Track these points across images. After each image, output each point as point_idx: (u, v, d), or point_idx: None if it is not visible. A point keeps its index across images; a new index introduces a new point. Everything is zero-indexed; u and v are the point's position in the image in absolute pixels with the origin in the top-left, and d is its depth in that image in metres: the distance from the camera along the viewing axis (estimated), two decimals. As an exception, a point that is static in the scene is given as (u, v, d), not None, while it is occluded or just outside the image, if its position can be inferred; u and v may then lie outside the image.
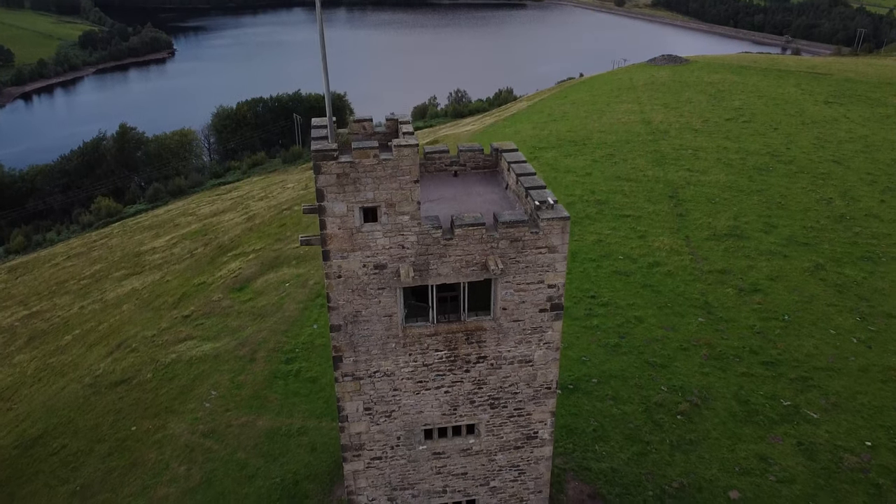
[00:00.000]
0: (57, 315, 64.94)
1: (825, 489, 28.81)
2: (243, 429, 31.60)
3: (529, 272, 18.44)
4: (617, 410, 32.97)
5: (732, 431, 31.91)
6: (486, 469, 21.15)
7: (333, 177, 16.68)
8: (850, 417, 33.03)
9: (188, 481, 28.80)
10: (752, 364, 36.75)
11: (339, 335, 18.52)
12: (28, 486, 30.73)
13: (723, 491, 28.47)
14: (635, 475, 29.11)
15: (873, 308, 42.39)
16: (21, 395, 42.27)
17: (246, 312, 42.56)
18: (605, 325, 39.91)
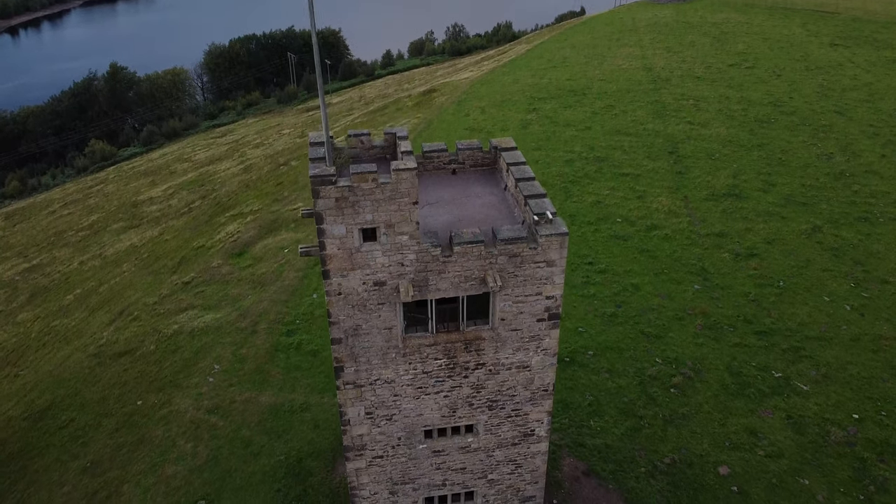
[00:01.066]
0: (57, 270, 65.33)
1: (811, 463, 29.78)
2: (247, 405, 32.36)
3: (527, 285, 18.61)
4: (612, 384, 33.71)
5: (724, 405, 32.72)
6: (485, 464, 21.88)
7: (332, 200, 16.63)
8: (839, 389, 33.80)
9: (195, 459, 29.71)
10: (746, 334, 37.34)
11: (340, 347, 18.84)
12: (39, 460, 31.66)
13: (713, 467, 29.43)
14: (628, 451, 30.04)
15: (868, 273, 42.76)
16: (27, 360, 42.98)
17: (246, 280, 42.86)
18: (602, 293, 40.32)
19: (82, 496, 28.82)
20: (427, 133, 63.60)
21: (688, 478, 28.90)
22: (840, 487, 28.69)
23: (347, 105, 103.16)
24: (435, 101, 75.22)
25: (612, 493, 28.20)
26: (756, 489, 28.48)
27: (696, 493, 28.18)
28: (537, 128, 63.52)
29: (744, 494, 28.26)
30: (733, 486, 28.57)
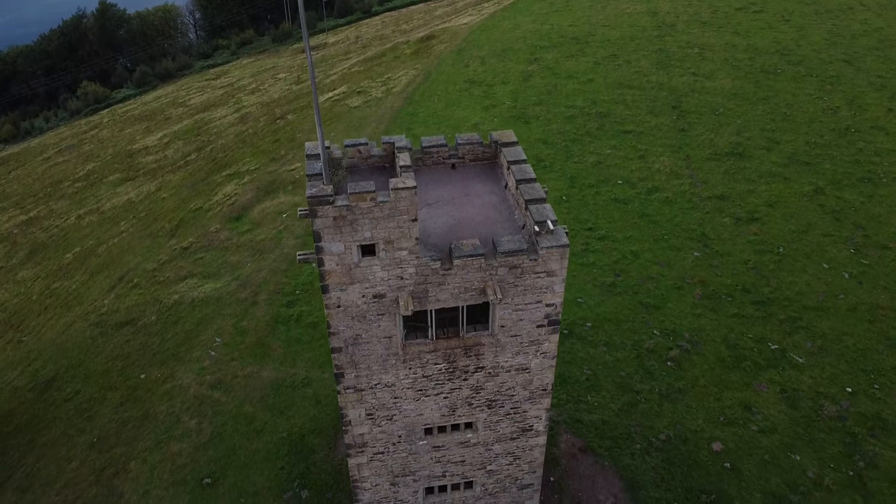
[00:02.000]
0: (55, 225, 65.14)
1: (803, 438, 30.40)
2: (249, 380, 32.78)
3: (528, 294, 18.55)
4: (610, 357, 34.07)
5: (720, 378, 33.15)
6: (483, 457, 22.34)
7: (330, 220, 16.38)
8: (834, 361, 34.20)
9: (199, 436, 30.30)
10: (744, 304, 37.53)
11: (340, 355, 18.93)
12: (47, 433, 32.30)
13: (706, 443, 30.05)
14: (624, 427, 30.61)
15: (868, 238, 42.67)
16: (29, 325, 43.30)
17: (244, 246, 42.75)
18: (602, 261, 40.31)
19: (90, 472, 29.52)
20: (426, 86, 62.27)
21: (682, 454, 29.56)
22: (830, 463, 29.37)
23: (344, 48, 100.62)
24: (434, 50, 73.36)
25: (607, 470, 28.90)
26: (748, 465, 29.16)
27: (689, 470, 28.87)
28: (538, 80, 62.15)
29: (736, 471, 28.95)
30: (726, 463, 29.24)
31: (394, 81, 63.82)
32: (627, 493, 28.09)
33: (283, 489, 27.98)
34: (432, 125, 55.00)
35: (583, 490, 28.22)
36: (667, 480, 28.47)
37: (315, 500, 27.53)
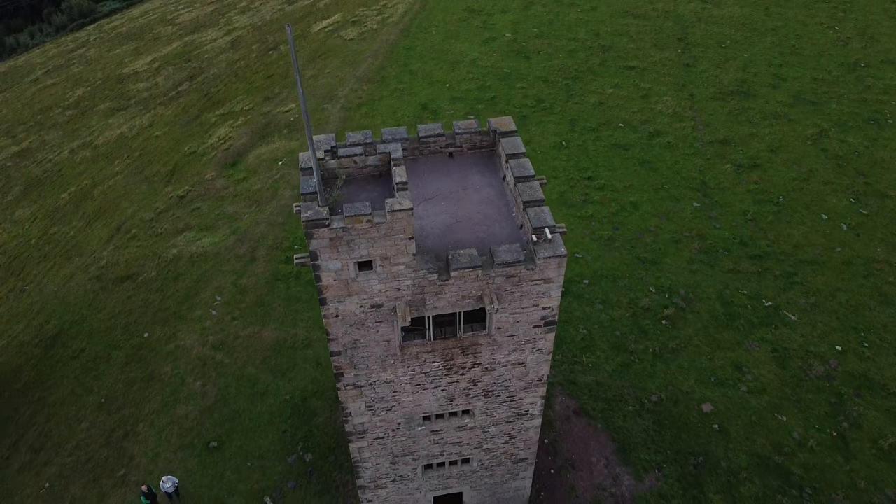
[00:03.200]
0: (48, 158, 64.35)
1: (791, 399, 31.31)
2: (251, 341, 33.36)
3: (524, 299, 18.66)
4: (605, 316, 34.56)
5: (713, 337, 33.76)
6: (480, 438, 23.10)
7: (326, 240, 16.24)
8: (825, 319, 34.74)
9: (204, 399, 31.15)
10: (740, 258, 37.72)
11: (339, 358, 19.23)
12: (55, 391, 33.17)
13: (697, 404, 30.97)
14: (618, 389, 31.46)
15: (869, 186, 42.42)
16: (30, 273, 43.57)
17: (241, 196, 42.45)
18: (600, 213, 40.18)
19: (100, 434, 30.54)
20: (423, 16, 59.96)
21: (672, 416, 30.52)
22: (815, 424, 30.38)
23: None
24: (432, -30, 70.05)
25: (600, 432, 29.93)
26: (736, 427, 30.18)
27: (679, 432, 29.90)
28: (540, 9, 59.80)
29: (724, 432, 29.99)
30: (714, 424, 30.24)
31: (390, 10, 61.38)
32: (619, 455, 29.21)
33: (287, 452, 29.06)
34: (429, 60, 53.40)
35: (576, 452, 29.33)
36: (657, 442, 29.54)
37: (319, 464, 28.66)
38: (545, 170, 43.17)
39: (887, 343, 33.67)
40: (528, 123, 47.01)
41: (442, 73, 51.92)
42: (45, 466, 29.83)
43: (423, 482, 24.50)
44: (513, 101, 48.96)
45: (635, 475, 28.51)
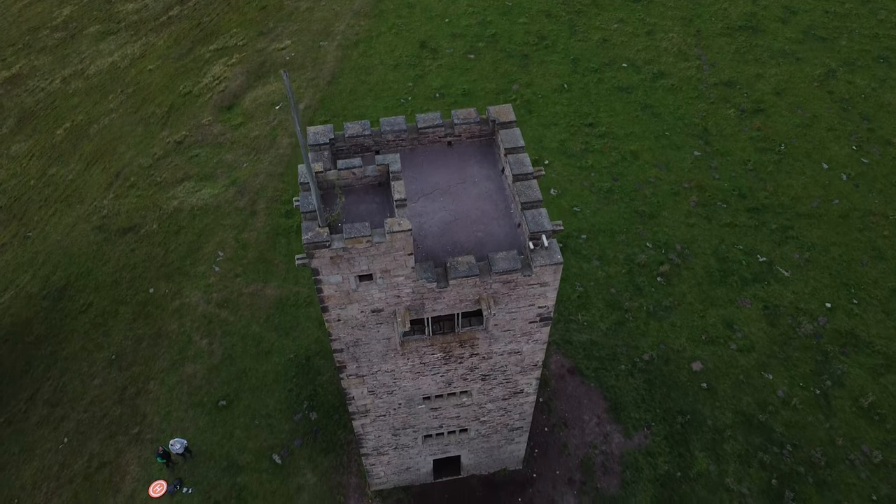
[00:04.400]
0: (40, 87, 63.18)
1: (778, 357, 32.39)
2: (254, 298, 34.11)
3: (521, 300, 19.14)
4: (602, 273, 35.17)
5: (706, 294, 34.49)
6: (477, 412, 24.19)
7: (327, 259, 16.54)
8: (818, 274, 35.37)
9: (212, 357, 32.21)
10: (738, 211, 37.94)
11: (342, 354, 19.92)
12: (66, 346, 34.22)
13: (687, 363, 32.08)
14: (611, 348, 32.48)
15: (872, 132, 42.06)
16: (32, 218, 43.81)
17: (239, 143, 42.10)
18: (600, 164, 40.03)
19: (113, 390, 31.80)
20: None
21: (663, 375, 31.69)
22: (800, 382, 31.61)
23: None
24: None
25: (593, 391, 31.17)
26: (723, 385, 31.41)
27: (668, 391, 31.15)
28: None
29: (711, 390, 31.24)
30: (703, 383, 31.45)
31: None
32: (610, 413, 30.56)
33: (292, 411, 30.39)
34: None
35: (569, 410, 30.68)
36: (647, 401, 30.84)
37: (323, 422, 30.03)
38: (546, 116, 42.64)
39: (876, 300, 34.45)
40: (529, 64, 45.96)
41: (441, 7, 50.22)
42: (62, 421, 31.24)
43: (422, 448, 25.84)
44: (514, 39, 47.64)
45: (625, 433, 29.95)
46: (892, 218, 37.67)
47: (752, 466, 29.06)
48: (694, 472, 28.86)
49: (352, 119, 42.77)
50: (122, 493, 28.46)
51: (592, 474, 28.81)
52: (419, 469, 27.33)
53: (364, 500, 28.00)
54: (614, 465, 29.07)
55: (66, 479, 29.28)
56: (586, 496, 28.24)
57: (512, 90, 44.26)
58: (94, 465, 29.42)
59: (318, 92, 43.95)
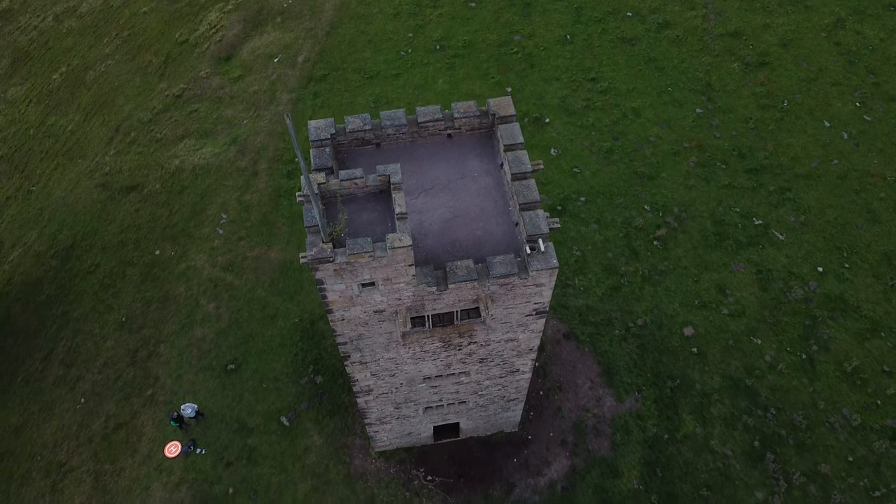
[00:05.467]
0: (33, 25, 62.01)
1: (768, 322, 33.41)
2: (258, 262, 34.84)
3: (517, 299, 19.87)
4: (599, 236, 35.75)
5: (701, 258, 35.19)
6: (475, 388, 25.33)
7: (331, 271, 17.13)
8: (812, 238, 35.97)
9: (219, 322, 33.24)
10: (737, 172, 38.15)
11: (346, 346, 20.80)
12: (77, 307, 35.25)
13: (679, 328, 33.13)
14: (606, 313, 33.46)
15: (877, 87, 41.72)
16: (34, 171, 44.11)
17: (238, 98, 41.81)
18: (601, 122, 39.92)
19: (125, 353, 33.02)
20: None
21: (655, 340, 32.79)
22: (787, 347, 32.74)
23: None
24: None
25: (587, 356, 32.36)
26: (713, 350, 32.56)
27: (660, 356, 32.33)
28: None
29: (701, 355, 32.42)
30: (694, 348, 32.60)
31: None
32: (603, 377, 31.85)
33: (298, 375, 31.68)
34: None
35: (563, 375, 31.96)
36: (639, 366, 32.07)
37: (328, 385, 31.37)
38: (548, 69, 42.16)
39: (867, 264, 35.18)
40: (532, 12, 45.00)
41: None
42: (78, 382, 32.61)
43: (423, 418, 27.20)
44: (517, -16, 46.44)
45: (617, 397, 31.32)
46: (889, 179, 37.93)
47: (736, 429, 30.56)
48: (681, 435, 30.38)
49: (351, 72, 42.33)
50: (140, 453, 30.09)
51: (584, 436, 30.35)
52: (420, 434, 28.82)
53: (368, 460, 29.64)
54: (605, 427, 30.57)
55: (85, 438, 30.87)
56: (578, 457, 29.86)
57: (513, 41, 43.54)
58: (111, 425, 30.96)
59: (317, 44, 43.27)
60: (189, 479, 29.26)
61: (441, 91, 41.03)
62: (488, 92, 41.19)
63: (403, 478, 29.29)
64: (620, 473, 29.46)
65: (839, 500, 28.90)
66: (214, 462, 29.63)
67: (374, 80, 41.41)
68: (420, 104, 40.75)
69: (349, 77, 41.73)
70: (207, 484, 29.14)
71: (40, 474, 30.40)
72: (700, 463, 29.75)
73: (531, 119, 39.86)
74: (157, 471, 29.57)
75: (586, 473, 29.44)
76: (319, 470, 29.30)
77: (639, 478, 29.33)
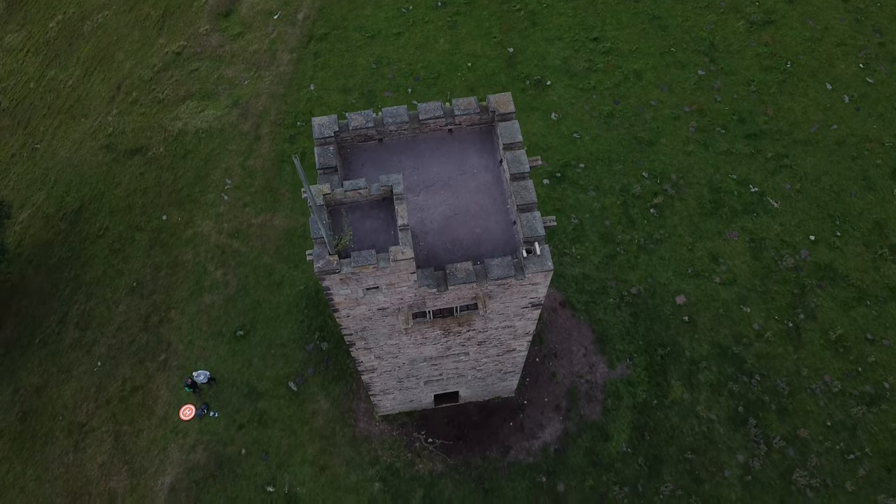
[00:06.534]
0: (24, -35, 60.60)
1: (758, 290, 34.51)
2: (263, 229, 35.66)
3: (514, 296, 20.87)
4: (597, 204, 36.43)
5: (697, 227, 35.97)
6: (474, 364, 26.66)
7: (337, 280, 18.03)
8: (806, 206, 36.66)
9: (227, 289, 34.36)
10: (736, 138, 38.44)
11: (351, 337, 21.94)
12: (89, 271, 36.31)
13: (672, 296, 34.26)
14: (601, 281, 34.52)
15: (883, 47, 41.48)
16: (37, 128, 44.26)
17: (238, 57, 41.59)
18: (603, 84, 39.89)
19: (137, 318, 34.30)
20: None
21: (648, 308, 33.98)
22: (775, 315, 33.97)
23: None
24: None
25: (582, 324, 33.63)
26: (704, 318, 33.80)
27: (651, 324, 33.60)
28: None
29: (692, 324, 33.69)
30: (685, 316, 33.83)
31: None
32: (597, 345, 33.23)
33: (305, 341, 33.05)
34: None
35: (559, 342, 33.32)
36: (631, 334, 33.39)
37: (333, 352, 32.79)
38: (551, 29, 41.74)
39: (859, 232, 35.99)
40: (535, -34, 44.12)
41: None
42: (93, 346, 34.04)
43: (424, 389, 28.69)
44: (521, -65, 45.29)
45: (609, 364, 32.78)
46: (887, 145, 38.26)
47: (722, 395, 32.14)
48: (669, 400, 31.98)
49: (352, 31, 41.94)
50: (156, 415, 31.81)
51: (577, 402, 31.96)
52: (421, 401, 30.41)
53: (372, 424, 31.36)
54: (597, 393, 32.14)
55: (103, 400, 32.54)
56: (571, 421, 31.56)
57: (516, -3, 42.94)
58: (128, 388, 32.57)
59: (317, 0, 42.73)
60: (204, 440, 31.06)
61: (442, 51, 40.81)
62: (490, 51, 40.98)
63: (405, 440, 31.06)
64: (610, 437, 31.22)
65: (815, 462, 30.74)
66: (227, 424, 31.36)
67: (376, 40, 41.10)
68: (421, 66, 40.66)
69: (350, 36, 41.40)
70: (221, 445, 30.96)
71: (63, 433, 32.21)
72: (686, 427, 31.45)
73: (532, 81, 39.83)
74: (173, 432, 31.34)
75: (578, 437, 31.19)
76: (326, 433, 31.06)
77: (627, 441, 31.10)
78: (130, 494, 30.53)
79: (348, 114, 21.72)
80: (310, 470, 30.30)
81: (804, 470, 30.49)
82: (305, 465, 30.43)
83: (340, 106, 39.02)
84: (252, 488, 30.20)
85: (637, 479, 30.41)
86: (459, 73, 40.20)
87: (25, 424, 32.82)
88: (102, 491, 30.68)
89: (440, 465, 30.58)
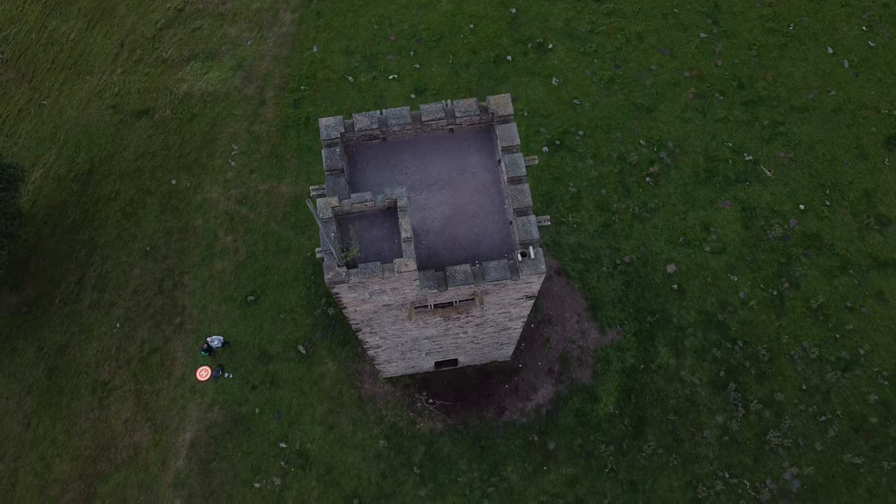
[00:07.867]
0: None
1: (746, 259, 35.97)
2: (270, 196, 36.81)
3: (509, 292, 22.38)
4: (595, 173, 37.41)
5: (690, 195, 37.08)
6: (471, 340, 28.45)
7: (345, 287, 19.46)
8: (798, 175, 37.66)
9: (237, 255, 35.83)
10: (734, 104, 39.00)
11: (357, 325, 23.58)
12: (103, 234, 37.68)
13: (663, 265, 35.75)
14: (596, 250, 35.94)
15: (886, 9, 41.47)
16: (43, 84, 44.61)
17: (241, 16, 41.52)
18: (605, 48, 40.06)
19: (152, 281, 35.95)
20: None
21: (640, 277, 35.55)
22: (761, 284, 35.56)
23: None
24: None
25: (576, 292, 35.28)
26: (692, 287, 35.41)
27: (642, 292, 35.25)
28: None
29: (681, 292, 35.34)
30: (675, 285, 35.44)
31: None
32: (589, 312, 34.99)
33: (312, 306, 34.81)
34: None
35: (553, 309, 35.07)
36: (623, 301, 35.08)
37: (340, 317, 34.59)
38: (554, -12, 41.51)
39: (847, 201, 37.12)
40: (540, -81, 43.34)
41: None
42: (111, 307, 35.84)
43: (425, 357, 30.64)
44: None
45: (600, 330, 34.63)
46: (883, 112, 38.84)
47: (705, 360, 34.14)
48: (655, 365, 34.01)
49: (354, -11, 41.71)
50: (174, 375, 33.94)
51: (569, 366, 34.00)
52: (423, 366, 32.44)
53: (377, 385, 33.52)
54: (588, 358, 34.14)
55: (124, 360, 34.61)
56: (562, 384, 33.69)
57: (520, -47, 42.40)
58: (147, 350, 34.58)
59: (318, -45, 42.26)
60: (220, 400, 33.31)
61: (445, 12, 40.76)
62: (493, 12, 40.93)
63: (408, 401, 33.29)
64: (599, 399, 33.42)
65: (789, 424, 33.04)
66: (241, 385, 33.54)
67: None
68: (424, 27, 40.70)
69: (352, -6, 41.26)
70: (236, 405, 33.23)
71: (87, 390, 34.45)
72: (670, 390, 33.60)
73: (534, 45, 40.01)
74: (191, 392, 33.56)
75: (569, 399, 33.40)
76: (334, 394, 33.26)
77: (615, 403, 33.32)
78: (154, 448, 33.03)
79: (354, 114, 22.62)
80: (319, 429, 32.66)
81: (778, 431, 32.82)
82: (315, 423, 32.77)
83: (343, 69, 39.37)
84: (266, 444, 32.65)
85: (622, 438, 32.80)
86: (461, 35, 40.29)
87: (52, 381, 35.00)
88: (128, 444, 33.16)
89: (440, 424, 32.90)
